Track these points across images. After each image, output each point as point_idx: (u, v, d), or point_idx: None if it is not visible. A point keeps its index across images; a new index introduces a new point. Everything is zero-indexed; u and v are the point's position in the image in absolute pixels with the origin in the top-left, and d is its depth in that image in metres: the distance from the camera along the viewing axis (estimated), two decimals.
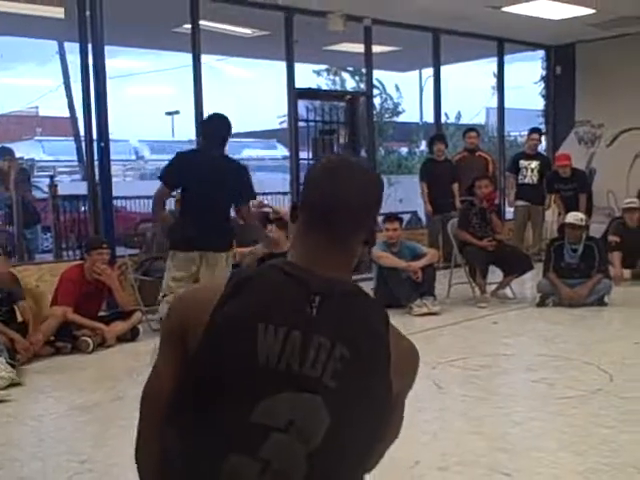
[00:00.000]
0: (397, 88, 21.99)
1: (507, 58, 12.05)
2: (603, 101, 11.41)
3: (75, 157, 18.97)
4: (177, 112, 27.25)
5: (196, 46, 8.33)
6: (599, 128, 11.64)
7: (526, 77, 15.93)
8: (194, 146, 8.90)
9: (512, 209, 10.36)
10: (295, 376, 1.34)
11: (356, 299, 1.47)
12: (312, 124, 9.88)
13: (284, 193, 11.31)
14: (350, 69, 19.51)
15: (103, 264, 6.01)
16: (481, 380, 4.85)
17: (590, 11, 9.59)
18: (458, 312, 7.01)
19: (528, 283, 8.03)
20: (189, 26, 8.35)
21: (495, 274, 7.76)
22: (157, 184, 5.24)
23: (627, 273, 8.41)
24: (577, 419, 4.06)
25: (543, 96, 12.90)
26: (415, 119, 21.83)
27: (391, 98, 22.15)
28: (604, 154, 11.55)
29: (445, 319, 6.75)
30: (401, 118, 22.10)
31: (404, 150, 22.59)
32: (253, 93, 30.66)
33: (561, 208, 9.46)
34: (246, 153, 24.96)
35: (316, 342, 1.35)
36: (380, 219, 8.24)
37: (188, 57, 8.47)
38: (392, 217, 7.43)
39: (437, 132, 10.77)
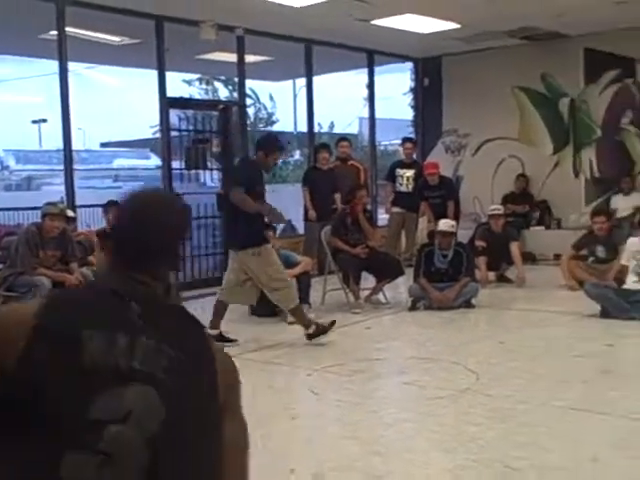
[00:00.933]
0: (271, 97, 22.12)
1: (377, 69, 12.35)
2: (469, 112, 11.88)
3: None
4: (44, 120, 26.29)
5: (62, 53, 8.09)
6: (465, 137, 12.12)
7: (396, 88, 16.39)
8: (62, 155, 8.68)
9: (387, 216, 10.65)
10: (127, 371, 1.41)
11: (173, 309, 1.60)
12: (185, 133, 9.78)
13: None
14: (223, 78, 19.45)
15: None
16: (355, 385, 4.92)
17: (455, 26, 9.98)
18: (332, 318, 7.07)
19: (400, 288, 8.22)
20: (55, 32, 8.09)
21: (368, 280, 7.91)
22: (22, 195, 5.03)
23: (492, 276, 8.80)
24: (447, 418, 4.19)
25: (412, 107, 13.28)
26: (289, 129, 21.99)
27: (265, 108, 22.26)
28: (470, 162, 12.04)
29: None
30: (275, 127, 22.20)
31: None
32: (125, 102, 29.94)
33: (430, 215, 9.76)
34: (118, 163, 24.38)
35: (142, 343, 1.44)
36: None
37: (55, 64, 8.21)
38: (266, 226, 7.44)
39: (313, 141, 10.96)
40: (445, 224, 7.61)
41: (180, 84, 17.13)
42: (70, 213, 7.41)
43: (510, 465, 3.42)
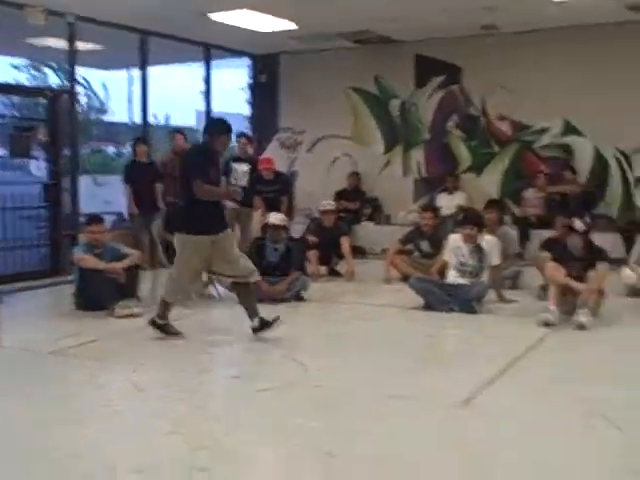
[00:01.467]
0: (104, 87, 21.39)
1: (216, 63, 12.25)
2: (304, 109, 12.06)
3: None
4: None
5: None
6: (300, 134, 12.30)
7: (234, 83, 16.33)
8: None
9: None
10: None
11: None
12: (9, 120, 9.27)
13: None
14: (53, 65, 18.60)
15: None
16: (182, 379, 4.84)
17: (292, 26, 10.09)
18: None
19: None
20: None
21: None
22: None
23: (323, 270, 8.98)
24: (274, 411, 4.21)
25: (249, 102, 13.29)
26: (124, 119, 21.36)
27: (98, 97, 21.50)
28: (305, 159, 12.23)
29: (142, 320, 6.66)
30: (109, 117, 21.51)
31: (112, 150, 22.01)
32: None
33: (263, 209, 9.81)
34: None
35: None
36: (83, 220, 7.96)
37: None
38: (95, 219, 7.22)
39: (143, 134, 10.72)
40: (275, 217, 7.69)
41: (7, 69, 16.22)
42: None
43: (332, 453, 3.49)
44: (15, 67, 18.29)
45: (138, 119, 11.37)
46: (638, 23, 9.77)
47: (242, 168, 10.27)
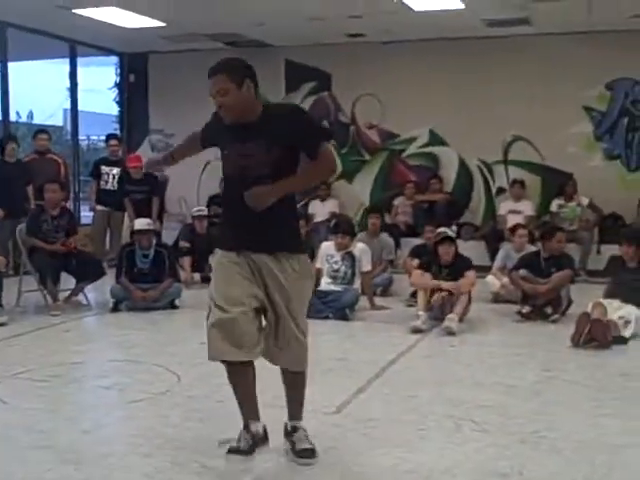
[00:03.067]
0: None
1: (82, 61, 11.90)
2: (175, 111, 11.86)
3: None
4: None
5: None
6: (171, 137, 12.09)
7: (102, 81, 15.88)
8: None
9: (92, 214, 10.29)
10: None
11: None
12: None
13: None
14: None
15: None
16: (50, 391, 4.66)
17: (160, 24, 9.92)
18: (28, 321, 6.69)
19: (104, 288, 7.95)
20: None
21: (71, 280, 7.57)
22: None
23: (197, 277, 8.88)
24: (146, 421, 4.12)
25: (117, 102, 12.96)
26: None
27: None
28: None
29: (13, 329, 6.39)
30: None
31: None
32: None
33: (131, 212, 9.60)
34: None
35: None
36: None
37: None
38: None
39: (4, 132, 10.23)
40: (141, 223, 7.54)
41: None
42: None
43: (206, 464, 3.46)
44: None
45: None
46: (499, 38, 10.27)
47: (112, 171, 10.08)
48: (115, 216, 9.93)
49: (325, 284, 7.12)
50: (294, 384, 3.61)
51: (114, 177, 10.08)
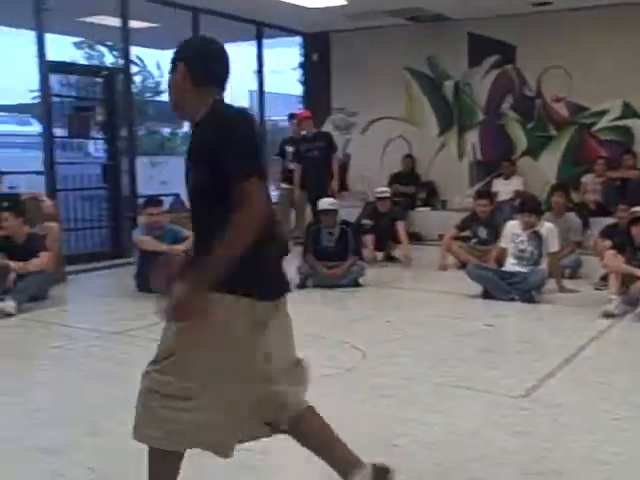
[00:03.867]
0: (158, 66, 21.54)
1: (269, 42, 12.22)
2: (357, 90, 11.95)
3: None
4: None
5: None
6: (353, 116, 12.21)
7: (286, 62, 16.32)
8: None
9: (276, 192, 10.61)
10: None
11: None
12: (67, 100, 9.38)
13: (39, 172, 10.59)
14: (109, 43, 18.79)
15: None
16: None
17: (342, 2, 9.99)
18: None
19: (290, 266, 8.20)
20: None
21: None
22: None
23: (379, 255, 8.94)
24: (332, 397, 4.22)
25: (301, 82, 13.24)
26: None
27: (152, 76, 21.68)
28: (359, 141, 12.15)
29: None
30: (164, 97, 21.65)
31: (167, 130, 22.20)
32: (3, 64, 28.39)
33: (298, 178, 9.48)
34: None
35: None
36: (141, 203, 8.04)
37: None
38: (153, 201, 7.30)
39: None
40: (324, 202, 7.64)
41: (63, 48, 16.41)
42: None
43: (393, 442, 3.49)
44: (76, 45, 18.57)
45: None
46: None
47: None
48: (299, 195, 10.12)
49: (510, 265, 6.94)
50: None
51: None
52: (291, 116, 10.89)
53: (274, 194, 10.79)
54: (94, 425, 3.76)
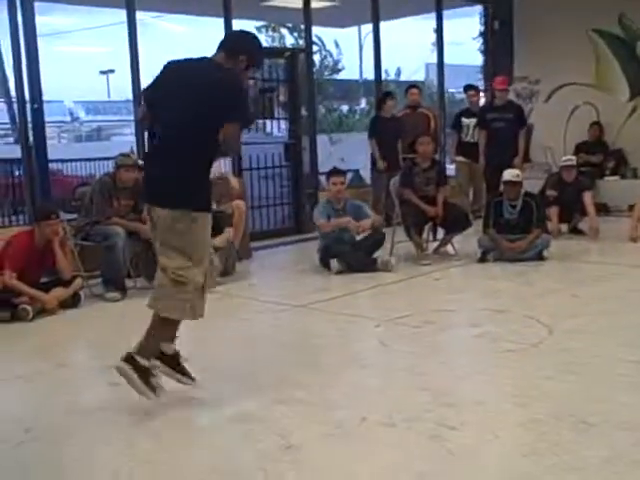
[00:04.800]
0: (336, 45, 21.87)
1: (446, 14, 12.02)
2: (541, 57, 11.50)
3: (7, 119, 18.37)
4: (112, 71, 26.68)
5: (130, 2, 8.09)
6: (536, 84, 11.77)
7: (465, 33, 15.98)
8: (131, 106, 8.73)
9: (453, 166, 10.46)
10: None
11: None
12: (251, 81, 9.72)
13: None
14: (289, 25, 19.29)
15: (54, 235, 5.91)
16: (425, 336, 4.90)
17: None
18: (401, 270, 7.06)
19: (470, 239, 8.10)
20: None
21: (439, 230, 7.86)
22: (93, 146, 5.08)
23: (564, 228, 8.60)
24: (519, 372, 4.15)
25: (482, 52, 12.95)
26: (355, 76, 21.73)
27: (331, 55, 22.03)
28: (542, 110, 11.70)
29: (389, 277, 6.80)
30: (341, 75, 21.98)
31: (345, 108, 22.52)
32: (191, 50, 29.92)
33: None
34: None
35: None
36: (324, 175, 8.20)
37: (122, 14, 8.23)
38: (337, 172, 7.33)
39: (380, 89, 10.83)
40: (509, 174, 7.40)
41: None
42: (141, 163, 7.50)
43: (585, 420, 3.38)
44: (257, 29, 19.23)
45: (369, 75, 11.50)
46: None
47: (472, 122, 10.09)
48: (476, 167, 9.91)
49: None
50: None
51: (474, 129, 10.02)
52: (467, 87, 10.65)
53: (451, 167, 10.64)
54: (283, 394, 3.92)
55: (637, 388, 3.79)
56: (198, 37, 29.66)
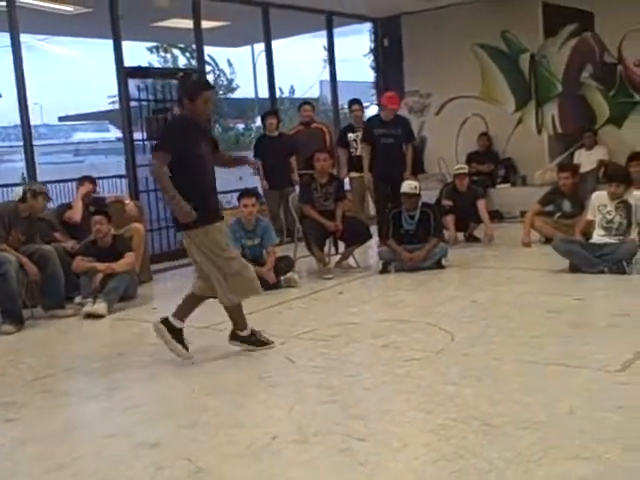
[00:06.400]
0: (230, 64, 21.89)
1: (337, 31, 12.23)
2: (430, 71, 11.85)
3: None
4: None
5: (13, 25, 7.86)
6: (427, 97, 12.10)
7: (356, 50, 16.25)
8: (19, 131, 8.46)
9: (347, 180, 10.52)
10: None
11: None
12: (144, 103, 9.60)
13: (120, 176, 10.92)
14: (181, 46, 19.17)
15: None
16: (331, 350, 4.92)
17: None
18: (305, 285, 7.08)
19: (371, 251, 8.22)
20: (4, 3, 7.86)
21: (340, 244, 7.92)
22: None
23: (461, 236, 8.84)
24: (424, 379, 4.20)
25: (373, 68, 13.20)
26: (250, 95, 21.79)
27: (224, 74, 22.02)
28: (433, 122, 12.03)
29: (292, 293, 6.80)
30: (236, 94, 21.99)
31: (241, 126, 22.51)
32: (81, 73, 29.31)
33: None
34: (78, 136, 23.84)
35: None
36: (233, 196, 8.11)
37: (6, 37, 7.99)
38: (249, 193, 7.18)
39: (271, 107, 10.85)
40: (407, 185, 7.54)
41: (137, 53, 16.85)
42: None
43: (489, 422, 3.45)
44: (149, 50, 19.05)
45: (264, 93, 11.55)
46: None
47: (358, 137, 10.14)
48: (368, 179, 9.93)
49: (598, 236, 6.75)
50: None
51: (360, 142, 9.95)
52: (352, 102, 10.68)
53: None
54: (190, 419, 3.84)
55: (534, 388, 3.90)
56: (88, 60, 29.16)
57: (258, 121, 20.91)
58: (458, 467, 3.04)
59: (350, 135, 9.88)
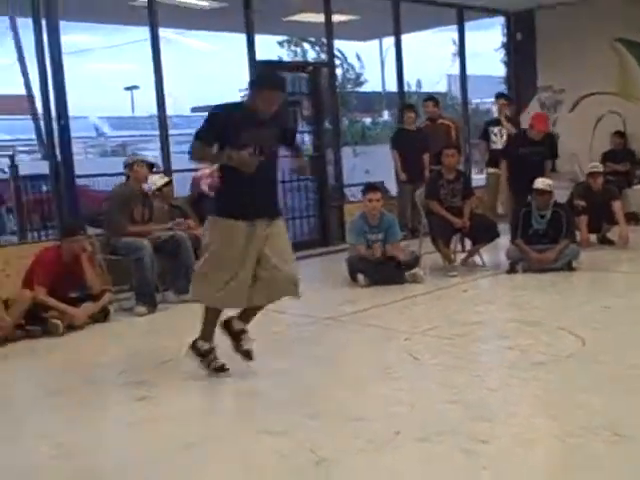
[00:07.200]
0: (358, 58, 21.93)
1: (468, 25, 12.02)
2: (564, 67, 11.46)
3: (34, 136, 18.57)
4: (136, 87, 26.93)
5: (153, 19, 8.16)
6: (561, 93, 11.71)
7: (485, 44, 15.97)
8: (155, 122, 8.78)
9: (481, 176, 10.38)
10: None
11: None
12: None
13: None
14: (311, 40, 19.39)
15: (81, 251, 5.97)
16: (456, 348, 4.85)
17: None
18: (429, 281, 7.02)
19: (498, 250, 8.03)
20: None
21: (467, 241, 7.81)
22: (119, 161, 5.14)
23: (593, 238, 8.49)
24: (551, 384, 4.09)
25: (504, 63, 12.91)
26: (377, 88, 21.79)
27: (353, 68, 22.09)
28: (567, 119, 11.63)
29: (417, 288, 6.75)
30: (363, 88, 22.04)
31: (368, 120, 22.55)
32: (214, 66, 30.20)
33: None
34: None
35: None
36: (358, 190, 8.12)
37: (145, 31, 8.29)
38: (373, 187, 7.24)
39: (402, 101, 10.82)
40: (542, 182, 7.31)
41: (270, 46, 17.18)
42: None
43: (619, 432, 3.32)
44: (279, 44, 19.38)
45: (391, 87, 11.51)
46: None
47: (501, 131, 9.98)
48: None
49: None
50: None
51: (502, 137, 9.88)
52: (499, 95, 10.55)
53: (477, 178, 10.54)
54: (314, 408, 3.89)
55: None
56: (221, 53, 29.96)
57: (385, 114, 20.95)
58: (585, 478, 2.94)
59: (492, 129, 9.80)
